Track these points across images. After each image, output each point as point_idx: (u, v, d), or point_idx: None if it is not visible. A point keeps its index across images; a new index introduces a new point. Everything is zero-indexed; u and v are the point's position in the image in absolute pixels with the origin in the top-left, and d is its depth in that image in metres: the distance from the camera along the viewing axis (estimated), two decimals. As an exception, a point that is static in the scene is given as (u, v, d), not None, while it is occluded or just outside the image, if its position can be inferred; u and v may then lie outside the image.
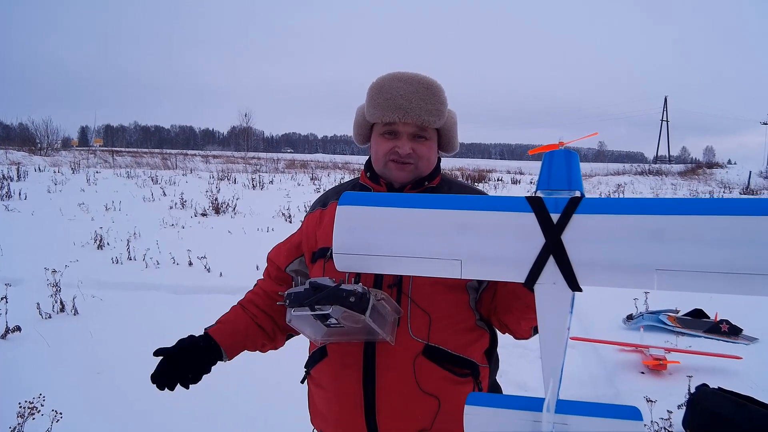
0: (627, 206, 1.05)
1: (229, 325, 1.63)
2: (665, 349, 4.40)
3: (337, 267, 1.19)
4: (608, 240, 1.04)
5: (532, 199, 1.10)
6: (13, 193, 11.97)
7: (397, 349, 1.43)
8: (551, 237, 1.07)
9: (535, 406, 1.06)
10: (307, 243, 1.65)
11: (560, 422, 1.03)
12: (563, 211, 1.07)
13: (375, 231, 1.18)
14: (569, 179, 1.13)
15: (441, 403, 1.45)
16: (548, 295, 1.07)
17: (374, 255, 1.17)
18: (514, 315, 1.44)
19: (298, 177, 22.30)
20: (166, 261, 7.05)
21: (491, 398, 1.11)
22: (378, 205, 1.19)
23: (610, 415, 1.02)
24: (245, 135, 76.73)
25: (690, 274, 0.99)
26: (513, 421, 1.06)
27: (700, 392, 3.31)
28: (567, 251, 1.06)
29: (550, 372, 1.06)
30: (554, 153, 1.16)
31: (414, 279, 1.47)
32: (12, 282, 5.26)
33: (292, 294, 1.29)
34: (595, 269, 1.05)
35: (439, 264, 1.14)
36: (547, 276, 1.07)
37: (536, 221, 1.09)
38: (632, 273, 1.03)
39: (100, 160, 27.99)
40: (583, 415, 1.03)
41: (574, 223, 1.06)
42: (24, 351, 4.20)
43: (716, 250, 0.97)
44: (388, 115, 1.52)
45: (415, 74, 1.57)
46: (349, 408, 1.47)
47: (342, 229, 1.20)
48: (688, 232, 1.00)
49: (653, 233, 1.01)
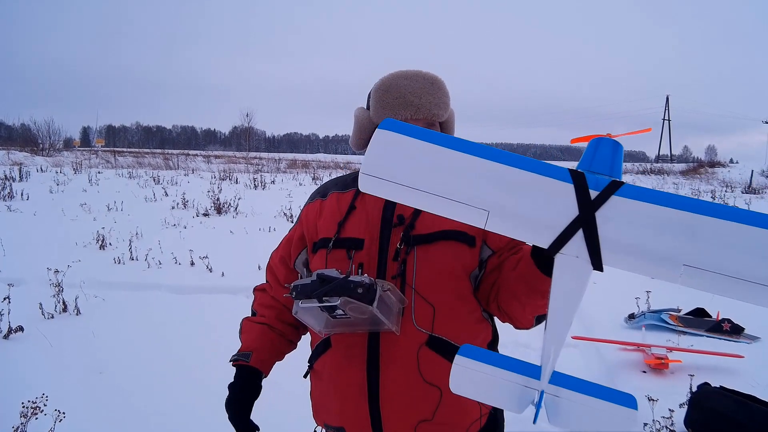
0: (666, 199, 1.05)
1: (266, 353, 1.71)
2: (667, 348, 4.40)
3: (361, 187, 1.14)
4: (641, 226, 1.04)
5: (575, 173, 1.10)
6: (15, 193, 12.01)
7: (401, 340, 1.44)
8: (586, 211, 1.07)
9: (530, 371, 1.05)
10: (307, 233, 1.65)
11: (553, 393, 1.03)
12: (603, 190, 1.08)
13: (409, 162, 1.14)
14: (612, 166, 1.14)
15: (443, 394, 1.45)
16: (568, 268, 1.07)
17: (402, 185, 1.13)
18: (518, 300, 1.43)
19: (300, 177, 22.31)
20: (168, 261, 7.07)
21: (485, 354, 1.09)
22: (420, 139, 1.15)
23: (605, 397, 1.02)
24: (247, 135, 76.86)
25: (715, 276, 1.00)
26: (503, 381, 1.06)
27: (702, 391, 3.31)
28: (598, 228, 1.06)
29: (552, 341, 1.06)
30: (602, 139, 1.18)
31: (418, 270, 1.47)
32: (14, 282, 5.27)
33: (299, 286, 1.29)
34: (621, 251, 1.05)
35: (466, 210, 1.11)
36: (572, 248, 1.06)
37: (574, 193, 1.08)
38: (659, 263, 1.03)
39: (102, 160, 28.05)
40: (578, 392, 1.03)
41: (611, 203, 1.06)
42: (26, 351, 4.21)
43: (746, 259, 0.98)
44: (400, 113, 1.53)
45: (417, 71, 1.59)
46: (353, 398, 1.48)
47: (376, 151, 1.14)
48: (723, 235, 1.00)
49: (688, 229, 1.02)
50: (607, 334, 4.82)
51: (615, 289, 5.71)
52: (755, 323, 5.02)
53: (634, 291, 5.48)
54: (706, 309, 5.21)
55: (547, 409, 1.04)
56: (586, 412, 1.02)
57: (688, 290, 1.06)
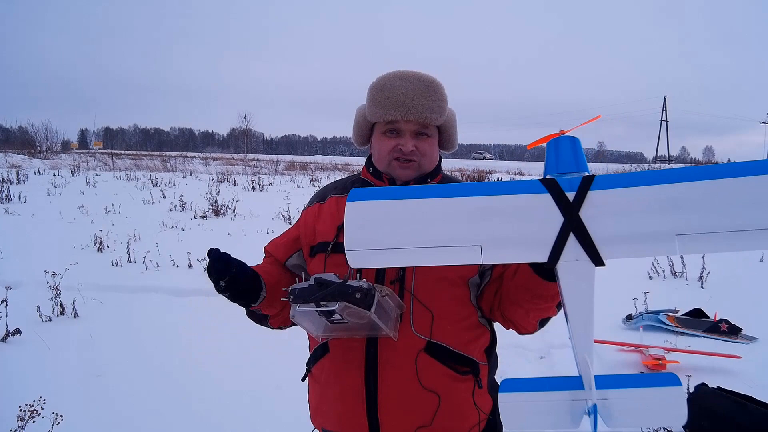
0: (639, 179, 1.07)
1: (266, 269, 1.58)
2: (665, 348, 4.41)
3: (351, 264, 1.17)
4: (626, 212, 1.06)
5: (546, 181, 1.12)
6: (12, 196, 11.98)
7: (399, 346, 1.44)
8: (570, 215, 1.08)
9: (572, 384, 1.04)
10: (305, 237, 1.65)
11: (601, 398, 1.02)
12: (578, 189, 1.09)
13: (388, 224, 1.16)
14: (577, 162, 1.16)
15: (441, 400, 1.46)
16: (573, 273, 1.08)
17: (389, 248, 1.15)
18: (522, 308, 1.44)
19: (298, 179, 22.29)
20: (166, 263, 7.06)
21: (526, 382, 1.08)
22: (389, 199, 1.17)
23: (649, 384, 1.02)
24: (245, 137, 76.82)
25: (709, 236, 1.01)
26: (552, 402, 1.04)
27: (700, 392, 3.31)
28: (587, 227, 1.07)
29: (583, 348, 1.06)
30: (560, 138, 1.19)
31: (417, 275, 1.48)
32: (12, 285, 5.26)
33: (296, 290, 1.28)
34: (616, 242, 1.06)
35: (459, 251, 1.13)
36: (570, 253, 1.08)
37: (553, 201, 1.10)
38: (653, 241, 1.04)
39: (100, 162, 27.99)
40: (623, 388, 1.03)
41: (591, 200, 1.08)
42: (24, 354, 4.20)
43: (731, 210, 1.00)
44: (390, 114, 1.53)
45: (415, 72, 1.59)
46: (352, 403, 1.48)
47: (353, 225, 1.17)
48: (703, 196, 1.02)
49: (669, 201, 1.04)
50: (605, 335, 4.82)
51: (613, 290, 5.70)
52: (753, 324, 5.03)
53: (632, 292, 5.49)
54: (704, 310, 5.22)
55: (601, 415, 1.02)
56: (638, 404, 1.02)
57: (686, 291, 1.07)
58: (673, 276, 6.92)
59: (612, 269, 1.18)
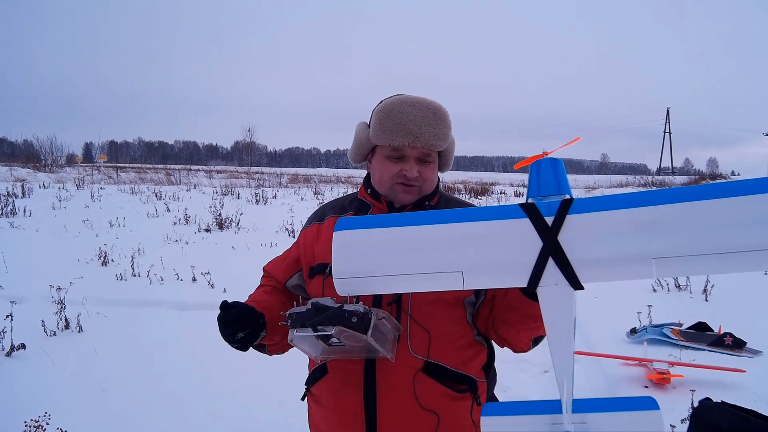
0: (617, 202, 1.08)
1: (266, 304, 1.55)
2: (669, 362, 4.40)
3: (339, 292, 1.21)
4: (604, 236, 1.07)
5: (525, 206, 1.14)
6: (17, 209, 12.03)
7: (398, 367, 1.45)
8: (548, 239, 1.09)
9: (552, 408, 1.06)
10: (304, 257, 1.67)
11: (578, 422, 1.03)
12: (557, 213, 1.11)
13: (373, 252, 1.20)
14: (558, 184, 1.17)
15: (440, 419, 1.47)
16: (552, 297, 1.09)
17: (375, 276, 1.19)
18: (513, 327, 1.46)
19: (302, 191, 22.35)
20: (170, 277, 7.08)
21: (507, 406, 1.10)
22: (373, 227, 1.21)
23: (626, 408, 1.03)
24: (248, 150, 76.96)
25: (686, 259, 1.02)
26: (532, 426, 1.06)
27: (703, 406, 3.28)
28: (565, 251, 1.08)
29: (563, 372, 1.07)
30: (541, 161, 1.20)
31: (413, 296, 1.49)
32: (17, 299, 5.28)
33: (294, 314, 1.30)
34: (594, 265, 1.07)
35: (441, 278, 1.16)
36: (549, 278, 1.09)
37: (532, 226, 1.12)
38: (631, 264, 1.05)
39: (105, 176, 28.14)
40: (601, 412, 1.04)
41: (569, 224, 1.09)
42: (29, 369, 4.21)
43: (707, 233, 1.00)
44: (397, 140, 1.55)
45: (422, 99, 1.61)
46: (351, 425, 1.49)
47: (340, 254, 1.22)
48: (679, 218, 1.03)
49: (646, 224, 1.05)
50: (609, 349, 4.81)
51: (616, 304, 5.70)
52: (757, 337, 5.01)
53: (636, 305, 5.48)
54: (708, 323, 5.20)
55: None
56: (616, 428, 1.03)
57: (690, 305, 1.08)
58: (677, 289, 6.91)
59: (616, 283, 1.19)
